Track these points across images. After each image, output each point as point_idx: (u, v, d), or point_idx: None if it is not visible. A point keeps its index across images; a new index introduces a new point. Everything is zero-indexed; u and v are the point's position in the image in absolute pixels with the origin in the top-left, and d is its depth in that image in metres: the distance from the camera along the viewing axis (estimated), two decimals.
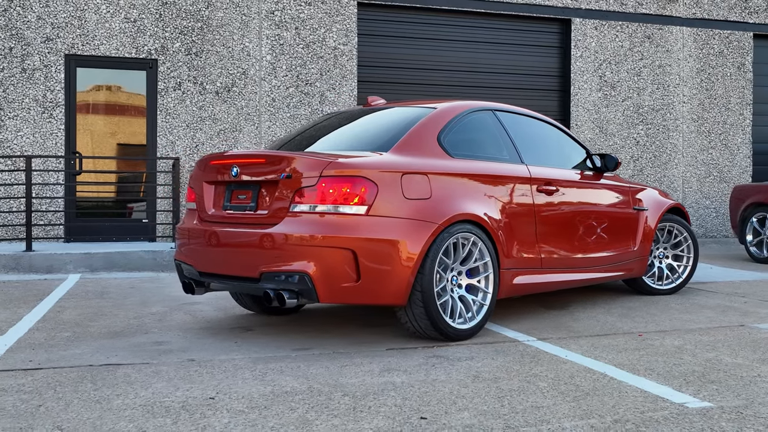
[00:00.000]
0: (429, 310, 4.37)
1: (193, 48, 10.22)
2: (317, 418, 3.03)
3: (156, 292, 6.79)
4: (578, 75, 11.47)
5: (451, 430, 2.88)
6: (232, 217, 4.65)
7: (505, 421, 2.99)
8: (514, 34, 11.47)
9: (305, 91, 10.58)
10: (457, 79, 11.29)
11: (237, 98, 10.37)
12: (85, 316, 5.52)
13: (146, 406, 3.22)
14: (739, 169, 12.22)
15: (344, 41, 10.71)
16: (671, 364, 3.95)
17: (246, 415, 3.09)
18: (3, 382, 3.62)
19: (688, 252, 6.61)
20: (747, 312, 5.60)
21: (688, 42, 11.92)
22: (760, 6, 12.24)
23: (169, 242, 9.92)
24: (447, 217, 4.46)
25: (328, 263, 4.16)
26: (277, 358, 4.13)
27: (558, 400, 3.27)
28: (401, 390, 3.45)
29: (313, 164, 4.28)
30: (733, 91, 12.13)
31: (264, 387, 3.52)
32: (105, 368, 3.92)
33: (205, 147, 10.23)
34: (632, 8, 11.65)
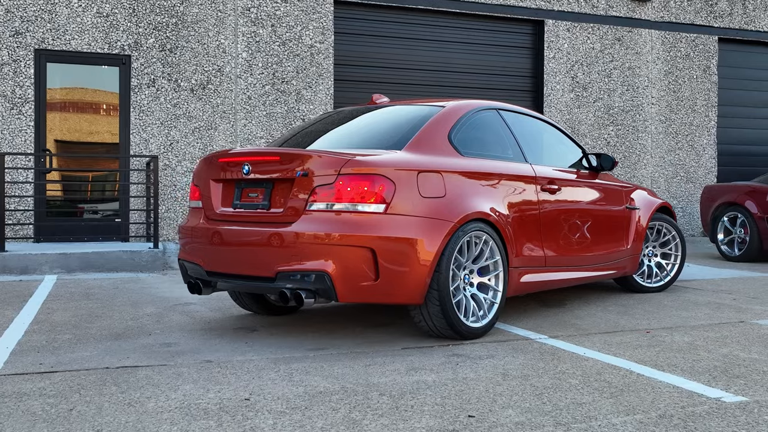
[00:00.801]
0: (445, 308, 4.37)
1: (167, 44, 10.04)
2: (363, 418, 3.00)
3: (142, 293, 6.65)
4: (551, 76, 11.60)
5: (502, 427, 2.88)
6: (243, 216, 4.57)
7: (553, 418, 3.00)
8: (488, 34, 11.54)
9: (281, 89, 10.48)
10: (432, 78, 11.32)
11: (212, 96, 10.22)
12: (79, 318, 5.37)
13: (182, 408, 3.15)
14: (704, 170, 12.51)
15: (321, 39, 10.64)
16: (691, 360, 4.02)
17: (289, 415, 3.04)
18: (22, 386, 3.50)
19: (676, 250, 6.73)
20: (741, 309, 5.72)
21: (657, 45, 12.16)
22: (725, 11, 12.55)
23: (145, 242, 9.73)
24: (461, 216, 4.46)
25: (347, 262, 4.12)
26: (296, 359, 4.07)
27: (596, 397, 3.29)
28: (436, 389, 3.43)
29: (331, 162, 4.23)
30: (699, 93, 12.41)
31: (296, 388, 3.46)
32: (123, 370, 3.81)
33: (180, 145, 10.06)
34: (603, 11, 11.83)
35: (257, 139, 10.36)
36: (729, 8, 12.56)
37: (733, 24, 12.58)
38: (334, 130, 5.19)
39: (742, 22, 12.65)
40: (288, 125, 10.48)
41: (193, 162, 10.11)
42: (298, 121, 10.52)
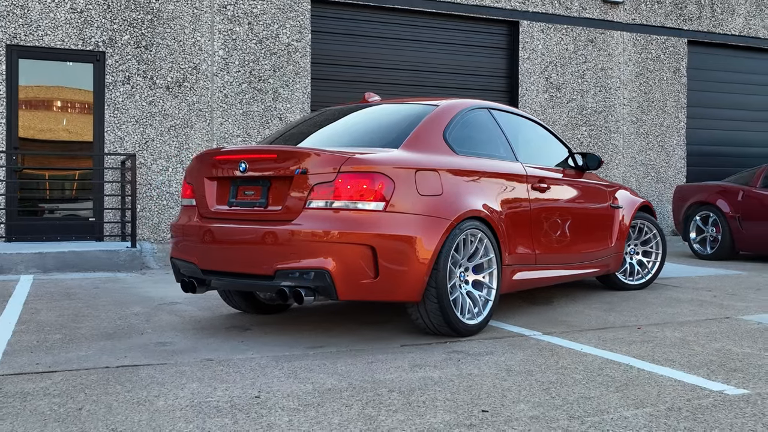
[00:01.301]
0: (443, 306, 4.39)
1: (142, 41, 9.92)
2: (378, 414, 3.01)
3: (125, 293, 6.57)
4: (526, 76, 11.71)
5: (518, 421, 2.91)
6: (239, 214, 4.55)
7: (565, 411, 3.04)
8: (464, 34, 11.61)
9: (258, 88, 10.43)
10: (409, 78, 11.35)
11: (188, 94, 10.13)
12: (65, 318, 5.29)
13: (193, 406, 3.12)
14: (674, 170, 12.74)
15: (298, 38, 10.61)
16: (686, 354, 4.10)
17: (303, 412, 3.03)
18: (23, 386, 3.44)
19: (657, 249, 6.85)
20: (723, 305, 5.85)
21: (628, 46, 12.35)
22: (694, 14, 12.79)
23: (120, 241, 9.61)
24: (458, 214, 4.49)
25: (347, 260, 4.12)
26: (296, 357, 4.06)
27: (602, 391, 3.34)
28: (443, 385, 3.46)
29: (331, 160, 4.23)
30: (669, 94, 12.63)
31: (303, 385, 3.46)
32: (124, 369, 3.77)
33: (155, 143, 9.95)
34: (576, 12, 11.98)
35: (234, 138, 10.30)
36: (698, 11, 12.81)
37: (702, 27, 12.83)
38: (328, 128, 5.19)
39: (711, 25, 12.91)
40: (265, 124, 10.44)
41: (168, 161, 10.01)
42: (275, 120, 10.48)
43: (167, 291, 6.66)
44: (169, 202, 10.01)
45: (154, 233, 9.92)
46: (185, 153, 10.09)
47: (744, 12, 13.18)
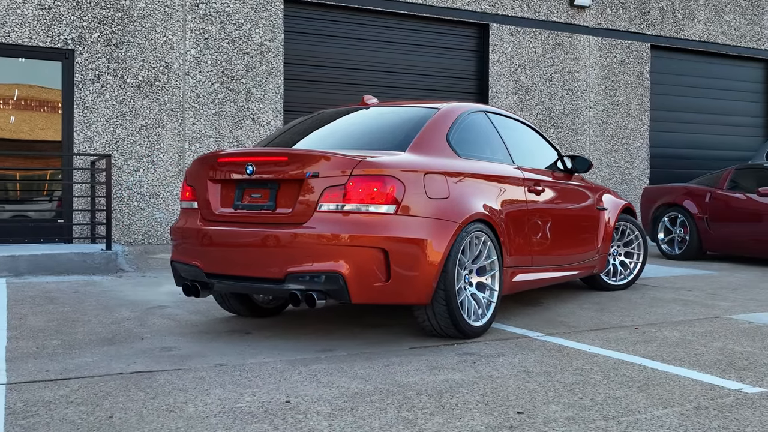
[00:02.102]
0: (451, 308, 4.42)
1: (113, 39, 9.74)
2: (416, 417, 3.02)
3: (108, 296, 6.44)
4: (495, 79, 11.83)
5: (556, 422, 2.95)
6: (245, 217, 4.50)
7: (598, 412, 3.09)
8: (436, 36, 11.68)
9: (231, 88, 10.32)
10: (382, 79, 11.37)
11: (160, 93, 9.97)
12: (56, 323, 5.17)
13: (226, 412, 3.09)
14: (638, 172, 13.01)
15: (270, 38, 10.54)
16: (692, 354, 4.20)
17: (340, 416, 3.02)
18: (41, 394, 3.35)
19: (639, 249, 7.00)
20: (708, 305, 6.00)
21: (594, 50, 12.57)
22: (657, 19, 13.09)
23: (90, 243, 9.41)
24: (465, 217, 4.53)
25: (360, 263, 4.12)
26: (309, 360, 4.05)
27: (626, 391, 3.41)
28: (469, 387, 3.48)
29: (343, 163, 4.22)
30: (633, 98, 12.90)
31: (329, 389, 3.45)
32: (139, 376, 3.70)
33: (126, 143, 9.77)
34: (544, 16, 12.15)
35: (206, 138, 10.18)
36: (660, 17, 13.11)
37: (664, 32, 13.14)
38: (329, 130, 5.17)
39: (672, 31, 13.22)
40: (237, 124, 10.34)
41: (139, 161, 9.84)
42: (248, 121, 10.39)
43: (150, 294, 6.55)
44: (140, 203, 9.85)
45: (124, 235, 9.75)
46: (156, 153, 9.94)
47: (704, 18, 13.54)
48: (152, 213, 9.93)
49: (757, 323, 5.17)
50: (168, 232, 9.96)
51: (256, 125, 10.45)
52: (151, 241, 9.92)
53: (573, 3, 12.16)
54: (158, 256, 9.51)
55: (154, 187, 9.93)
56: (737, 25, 13.89)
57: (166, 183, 9.99)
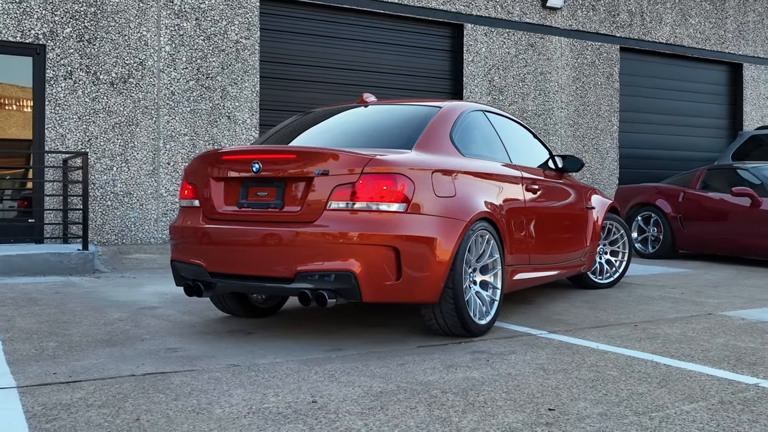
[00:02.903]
0: (459, 306, 4.42)
1: (85, 34, 9.53)
2: (449, 415, 3.00)
3: (92, 297, 6.30)
4: (470, 79, 11.89)
5: (590, 419, 2.97)
6: (251, 215, 4.44)
7: (627, 407, 3.11)
8: (411, 36, 11.69)
9: (206, 85, 10.19)
10: (357, 78, 11.34)
11: (134, 90, 9.79)
12: (47, 324, 5.03)
13: (255, 413, 3.03)
14: (608, 172, 13.20)
15: (246, 35, 10.42)
16: (698, 350, 4.27)
17: (373, 416, 2.99)
18: (58, 397, 3.26)
19: (624, 248, 7.10)
20: (696, 302, 6.11)
21: (566, 52, 12.71)
22: (626, 22, 13.29)
23: (69, 245, 9.19)
24: (472, 215, 4.53)
25: (372, 261, 4.09)
26: (321, 360, 4.00)
27: (647, 387, 3.44)
28: (491, 385, 3.48)
29: (354, 161, 4.19)
30: (603, 99, 13.08)
31: (351, 388, 3.41)
32: (153, 377, 3.62)
33: (99, 141, 9.57)
34: (517, 17, 12.25)
35: (181, 137, 10.02)
36: (629, 19, 13.32)
37: (633, 34, 13.35)
38: (330, 128, 5.13)
39: (641, 33, 13.45)
40: (213, 123, 10.21)
41: (113, 159, 9.64)
42: (223, 119, 10.26)
43: (134, 295, 6.43)
44: (113, 202, 9.66)
45: (97, 235, 9.55)
46: (130, 151, 9.75)
47: (671, 21, 13.80)
48: (126, 212, 9.74)
49: (750, 319, 5.28)
50: (142, 232, 9.80)
51: (232, 123, 10.33)
52: (125, 242, 9.74)
53: (545, 4, 12.28)
54: (133, 257, 9.34)
55: (127, 186, 9.75)
56: (702, 28, 14.19)
57: (140, 182, 9.81)
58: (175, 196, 9.98)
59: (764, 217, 8.78)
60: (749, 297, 6.40)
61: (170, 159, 9.97)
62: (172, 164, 9.98)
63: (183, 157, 10.02)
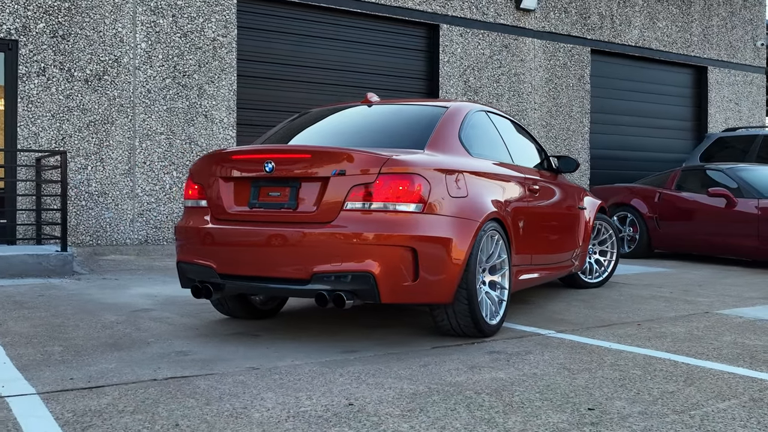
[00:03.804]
0: (472, 307, 4.42)
1: (59, 30, 9.29)
2: (492, 416, 2.99)
3: (80, 300, 6.14)
4: (446, 79, 11.92)
5: (632, 417, 2.98)
6: (263, 216, 4.37)
7: (665, 406, 3.14)
8: (387, 36, 11.67)
9: (183, 84, 10.02)
10: (334, 77, 11.27)
11: (109, 87, 9.58)
12: (44, 329, 4.89)
13: (295, 417, 2.98)
14: (579, 173, 13.36)
15: (223, 33, 10.29)
16: (710, 348, 4.33)
17: (417, 417, 2.96)
18: (85, 403, 3.16)
19: (612, 248, 7.19)
20: (689, 301, 6.21)
21: (539, 53, 12.83)
22: (596, 24, 13.47)
23: (45, 244, 8.96)
24: (484, 215, 4.53)
25: (390, 262, 4.06)
26: (341, 362, 3.96)
27: (675, 386, 3.48)
28: (522, 385, 3.48)
29: (371, 161, 4.15)
30: (575, 100, 13.24)
31: (383, 390, 3.38)
32: (175, 381, 3.54)
33: (73, 140, 9.34)
34: (492, 18, 12.32)
35: (157, 135, 9.84)
36: (599, 22, 13.50)
37: (603, 37, 13.54)
38: (336, 128, 5.09)
39: (611, 36, 13.64)
40: (190, 121, 10.04)
41: (87, 158, 9.42)
42: (200, 118, 10.11)
43: (122, 297, 6.29)
44: (88, 202, 9.44)
45: (71, 236, 9.32)
46: (105, 150, 9.54)
47: (639, 24, 14.03)
48: (101, 213, 9.53)
49: (748, 318, 5.38)
50: (118, 233, 9.59)
51: (209, 122, 10.18)
52: (100, 242, 9.52)
53: (519, 6, 12.38)
54: (109, 258, 9.15)
55: (102, 185, 9.54)
56: (669, 31, 14.46)
57: (115, 181, 9.61)
58: (151, 196, 9.80)
59: (739, 217, 8.98)
60: (737, 296, 6.53)
61: (146, 158, 9.79)
62: (148, 163, 9.80)
63: (159, 156, 9.85)
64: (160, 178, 9.87)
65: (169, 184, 9.93)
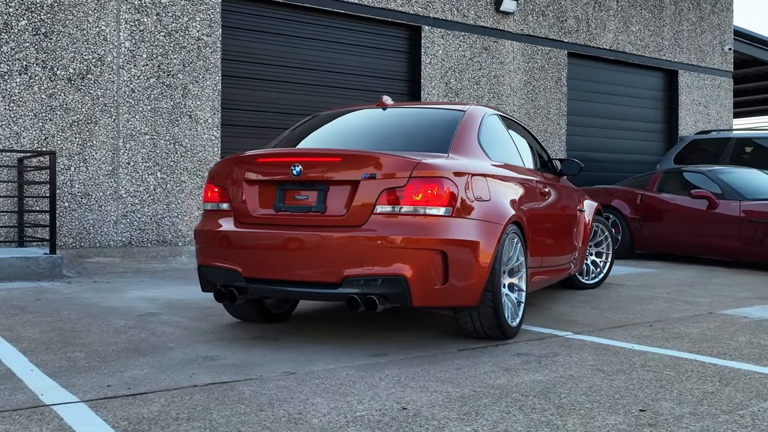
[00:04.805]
0: (497, 309, 4.46)
1: (42, 28, 9.10)
2: (548, 419, 3.03)
3: (80, 304, 6.03)
4: (427, 81, 11.97)
5: (685, 418, 3.04)
6: (290, 219, 4.35)
7: (710, 405, 3.21)
8: (370, 36, 11.67)
9: (167, 83, 9.89)
10: (317, 78, 11.23)
11: (92, 87, 9.41)
12: (56, 334, 4.80)
13: (355, 422, 2.98)
14: None
15: (208, 32, 10.18)
16: (729, 348, 4.44)
17: (476, 421, 2.98)
18: (134, 411, 3.11)
19: (608, 249, 7.30)
20: (688, 302, 6.34)
21: (518, 56, 12.96)
22: (573, 27, 13.66)
23: (27, 246, 8.75)
24: (507, 218, 4.58)
25: (422, 265, 4.08)
26: (374, 366, 3.96)
27: (712, 386, 3.56)
28: (564, 387, 3.52)
29: (402, 164, 4.17)
30: (552, 102, 13.40)
31: (430, 394, 3.39)
32: (217, 387, 3.51)
33: (56, 140, 9.16)
34: (472, 20, 12.41)
35: (141, 136, 9.70)
36: (576, 25, 13.69)
37: (579, 40, 13.73)
38: (356, 131, 5.08)
39: (586, 39, 13.84)
40: (174, 121, 9.92)
41: (70, 159, 9.24)
42: (185, 118, 9.99)
43: (122, 301, 6.20)
44: (71, 203, 9.26)
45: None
46: (89, 151, 9.37)
47: (613, 28, 14.26)
48: (84, 214, 9.36)
49: (753, 318, 5.52)
50: (101, 235, 9.43)
51: (194, 123, 10.07)
52: (83, 244, 9.35)
53: (499, 9, 12.49)
54: (93, 260, 9.00)
55: (86, 186, 9.37)
56: (642, 35, 14.72)
57: (99, 182, 9.44)
58: (135, 197, 9.66)
59: (722, 219, 9.19)
60: (732, 296, 6.69)
61: (130, 159, 9.64)
62: (132, 164, 9.65)
63: (143, 156, 9.70)
64: (144, 179, 9.73)
65: (153, 185, 9.80)
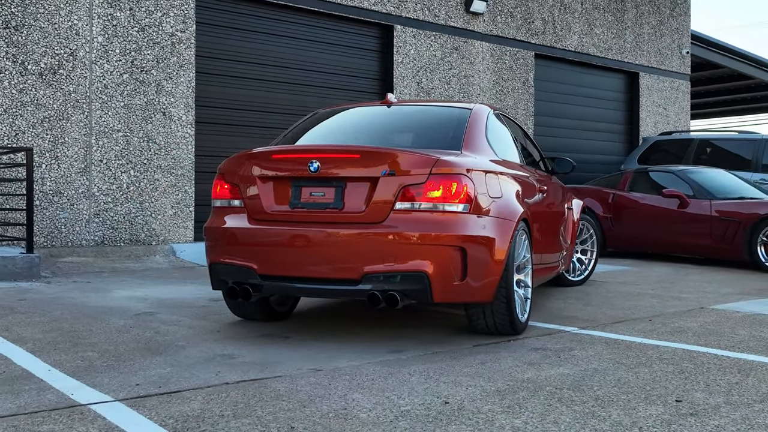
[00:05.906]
0: (510, 305, 4.51)
1: (12, 21, 8.85)
2: (592, 410, 3.07)
3: (68, 304, 5.89)
4: (399, 80, 12.01)
5: (720, 408, 3.12)
6: (307, 216, 4.32)
7: (741, 395, 3.30)
8: (343, 35, 11.65)
9: (141, 79, 9.71)
10: (291, 76, 11.16)
11: (64, 82, 9.19)
12: (59, 333, 4.68)
13: (403, 416, 2.98)
14: None
15: (182, 28, 10.03)
16: (735, 341, 4.57)
17: (522, 414, 3.01)
18: (178, 409, 3.06)
19: (593, 247, 7.43)
20: (677, 297, 6.50)
21: (487, 56, 13.09)
22: (539, 29, 13.85)
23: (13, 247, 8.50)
24: (518, 215, 4.63)
25: (442, 262, 4.11)
26: (398, 362, 3.97)
27: (736, 377, 3.66)
28: (592, 380, 3.58)
29: (422, 161, 4.18)
30: (520, 103, 13.57)
31: (466, 389, 3.42)
32: (250, 385, 3.47)
33: (27, 136, 8.92)
34: (443, 20, 12.49)
35: (115, 133, 9.50)
36: (542, 27, 13.89)
37: (546, 42, 13.93)
38: (365, 128, 5.07)
39: (553, 41, 14.05)
40: (148, 118, 9.75)
41: (41, 156, 9.01)
42: (158, 115, 9.82)
43: (111, 301, 6.08)
44: (42, 202, 9.02)
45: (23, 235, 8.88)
46: (60, 148, 9.15)
47: (578, 30, 14.51)
48: (56, 213, 9.13)
49: (745, 312, 5.68)
50: (73, 234, 9.21)
51: (167, 120, 9.91)
52: (55, 244, 9.12)
53: (469, 9, 12.60)
54: (66, 260, 8.79)
55: (57, 184, 9.14)
56: (605, 38, 15.01)
57: (71, 180, 9.22)
58: (108, 196, 9.46)
59: (693, 217, 9.44)
60: (715, 292, 6.88)
61: (103, 156, 9.44)
62: (105, 162, 9.45)
63: (116, 154, 9.51)
64: (117, 176, 9.54)
65: (126, 183, 9.61)
